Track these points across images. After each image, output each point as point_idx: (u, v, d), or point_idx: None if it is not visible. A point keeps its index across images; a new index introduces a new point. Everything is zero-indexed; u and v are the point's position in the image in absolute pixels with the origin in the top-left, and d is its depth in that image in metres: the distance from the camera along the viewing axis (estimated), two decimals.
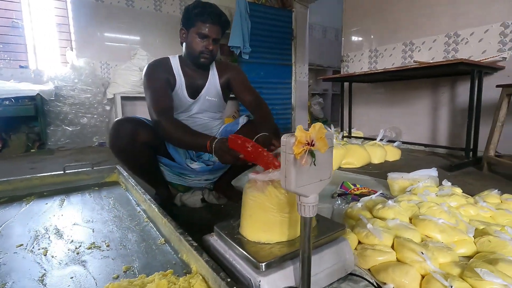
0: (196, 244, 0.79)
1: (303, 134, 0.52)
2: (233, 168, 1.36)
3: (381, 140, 2.43)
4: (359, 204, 1.09)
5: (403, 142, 2.63)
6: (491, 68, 2.14)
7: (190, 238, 0.83)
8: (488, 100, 2.22)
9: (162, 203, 1.19)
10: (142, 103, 4.03)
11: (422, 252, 0.74)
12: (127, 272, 0.83)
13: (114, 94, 3.69)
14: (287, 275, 0.67)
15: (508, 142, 2.19)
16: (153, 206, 1.12)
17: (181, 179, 1.33)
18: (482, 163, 1.95)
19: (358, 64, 3.37)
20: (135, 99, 3.91)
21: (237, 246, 0.71)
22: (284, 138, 0.54)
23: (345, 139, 3.03)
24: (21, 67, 3.45)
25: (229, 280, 0.63)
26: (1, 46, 3.41)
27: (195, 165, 1.26)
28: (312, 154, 0.54)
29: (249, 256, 0.66)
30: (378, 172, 1.98)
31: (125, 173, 1.64)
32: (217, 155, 0.95)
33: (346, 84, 3.16)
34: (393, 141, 2.52)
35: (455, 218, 1.00)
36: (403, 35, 2.88)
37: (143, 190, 1.31)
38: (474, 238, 0.92)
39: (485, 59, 2.21)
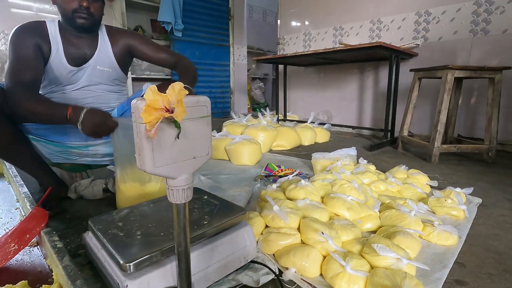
0: (60, 245, 0.63)
1: (158, 96, 0.39)
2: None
3: (312, 122, 2.46)
4: (274, 186, 1.03)
5: (333, 125, 2.72)
6: (407, 54, 2.30)
7: (57, 238, 0.66)
8: (404, 84, 2.40)
9: (49, 197, 0.96)
10: None
11: (322, 233, 0.70)
12: None
13: None
14: (167, 273, 0.56)
15: (420, 123, 2.41)
16: (26, 200, 0.90)
17: (65, 155, 1.09)
18: (397, 142, 2.10)
19: (293, 47, 3.37)
20: None
21: (108, 243, 0.57)
22: (133, 102, 0.41)
23: (280, 122, 3.03)
24: None
25: None
26: None
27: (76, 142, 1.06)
28: (176, 124, 0.42)
29: (116, 255, 0.53)
30: (306, 153, 1.99)
31: (6, 163, 1.34)
32: (84, 127, 0.83)
33: (281, 67, 3.13)
34: (323, 124, 2.58)
35: (365, 194, 1.01)
36: (334, 19, 2.94)
37: (21, 182, 1.07)
38: (379, 213, 0.94)
39: (403, 45, 2.36)
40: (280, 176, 1.38)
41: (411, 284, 0.58)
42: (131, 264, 0.51)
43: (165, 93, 0.39)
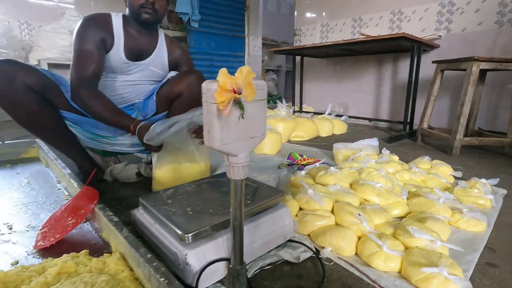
0: (116, 219, 0.68)
1: (228, 79, 0.43)
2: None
3: (329, 114, 2.47)
4: (302, 172, 1.07)
5: (350, 117, 2.72)
6: (428, 46, 2.27)
7: (111, 213, 0.72)
8: (424, 77, 2.38)
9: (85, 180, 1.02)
10: None
11: (359, 214, 0.73)
12: (32, 256, 0.69)
13: (39, 60, 3.17)
14: (219, 246, 0.60)
15: (439, 116, 2.39)
16: (73, 180, 0.96)
17: (97, 142, 1.16)
18: (416, 134, 2.10)
19: (310, 38, 3.35)
20: (67, 67, 3.41)
21: (162, 218, 0.62)
22: (205, 84, 0.45)
23: (296, 113, 3.05)
24: None
25: (149, 255, 0.54)
26: None
27: None
28: (240, 105, 0.46)
29: (174, 228, 0.58)
30: (325, 144, 2.01)
31: (45, 147, 1.41)
32: (140, 141, 0.96)
33: (298, 59, 3.13)
34: (340, 116, 2.59)
35: (391, 182, 1.04)
36: (353, 10, 2.91)
37: (63, 164, 1.13)
38: (407, 200, 0.96)
39: (424, 37, 2.33)
40: (303, 165, 1.41)
41: (447, 263, 0.61)
42: (189, 235, 0.56)
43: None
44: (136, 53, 1.14)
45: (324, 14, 3.19)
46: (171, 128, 0.93)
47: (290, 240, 0.74)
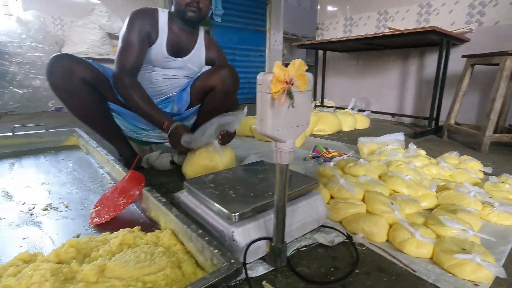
0: (164, 200, 0.75)
1: (282, 71, 0.47)
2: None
3: (352, 109, 2.47)
4: (331, 164, 1.10)
5: (372, 112, 2.70)
6: (458, 40, 2.21)
7: (158, 195, 0.78)
8: (452, 72, 2.32)
9: (127, 166, 1.10)
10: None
11: (392, 203, 0.76)
12: (89, 231, 0.77)
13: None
14: (261, 226, 0.65)
15: (466, 112, 2.33)
16: (117, 165, 1.04)
17: (137, 134, 1.24)
18: (442, 130, 2.07)
19: (333, 33, 3.33)
20: (95, 61, 3.56)
21: (209, 199, 0.68)
22: (260, 76, 0.49)
23: (317, 108, 3.05)
24: None
25: (200, 231, 0.60)
26: None
27: None
28: (290, 95, 0.50)
29: (221, 208, 0.63)
30: (348, 138, 2.02)
31: (85, 136, 1.51)
32: (170, 140, 1.05)
33: (320, 53, 3.12)
34: (363, 111, 2.57)
35: (420, 175, 1.05)
36: (378, 3, 2.85)
37: (105, 151, 1.22)
38: (436, 193, 0.97)
39: (454, 30, 2.26)
40: (328, 158, 1.44)
41: (480, 251, 0.63)
42: (236, 214, 0.61)
43: None
44: (177, 49, 1.20)
45: (348, 7, 3.15)
46: (202, 137, 1.04)
47: (323, 226, 0.78)
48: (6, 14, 3.28)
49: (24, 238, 0.72)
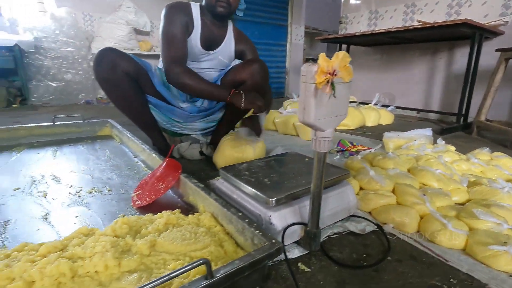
0: (202, 185, 0.79)
1: (326, 62, 0.49)
2: (226, 124, 1.36)
3: (375, 104, 2.43)
4: (358, 157, 1.11)
5: (396, 107, 2.65)
6: (492, 33, 2.12)
7: (196, 181, 0.83)
8: (483, 66, 2.23)
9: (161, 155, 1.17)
10: None
11: (424, 194, 0.77)
12: (132, 213, 0.83)
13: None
14: (295, 212, 0.69)
15: (497, 108, 2.24)
16: (153, 154, 1.10)
17: (171, 125, 1.30)
18: (472, 127, 2.01)
19: (356, 26, 3.27)
20: None
21: (246, 185, 0.71)
22: (304, 67, 0.52)
23: None
24: None
25: (240, 213, 0.64)
26: None
27: (185, 104, 1.26)
28: (332, 85, 0.52)
29: (259, 193, 0.67)
30: (372, 133, 2.01)
31: (119, 126, 1.59)
32: (246, 106, 1.05)
33: (343, 47, 3.08)
34: (387, 106, 2.53)
35: (450, 170, 1.04)
36: None
37: (140, 141, 1.28)
38: (467, 188, 0.97)
39: (488, 23, 2.17)
40: (353, 151, 1.44)
41: None
42: (273, 199, 0.65)
43: None
44: (208, 43, 1.23)
45: (373, 0, 3.08)
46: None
47: (353, 215, 0.80)
48: (41, 11, 3.46)
49: (76, 217, 0.79)
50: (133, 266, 0.54)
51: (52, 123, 1.58)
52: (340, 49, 3.02)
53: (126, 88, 1.12)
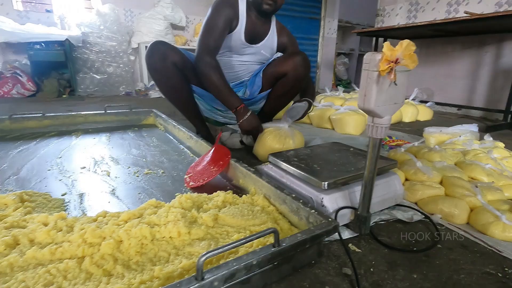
0: (253, 169, 0.85)
1: (390, 51, 0.52)
2: (265, 115, 1.40)
3: (413, 99, 2.36)
4: (401, 149, 1.11)
5: (436, 103, 2.55)
6: None
7: (246, 165, 0.88)
8: None
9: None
10: None
11: (476, 186, 0.77)
12: (186, 192, 0.90)
13: (138, 44, 3.66)
14: (345, 196, 0.72)
15: None
16: (201, 141, 1.17)
17: (213, 114, 1.38)
18: None
19: (394, 19, 3.16)
20: None
21: (297, 170, 0.75)
22: (368, 56, 0.54)
23: None
24: (47, 11, 3.42)
25: (293, 195, 0.68)
26: None
27: None
28: (394, 73, 0.54)
29: (311, 177, 0.71)
30: (410, 129, 1.96)
31: (163, 116, 1.69)
32: (241, 125, 1.14)
33: (379, 41, 2.99)
34: (425, 102, 2.44)
35: (500, 166, 1.01)
36: None
37: (186, 129, 1.37)
38: None
39: None
40: (393, 145, 1.43)
41: None
42: (325, 183, 0.68)
43: None
44: (252, 37, 1.28)
45: None
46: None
47: (399, 205, 0.82)
48: (87, 8, 3.70)
49: (139, 193, 0.88)
50: (201, 235, 0.60)
51: (104, 112, 1.72)
52: (376, 43, 2.95)
53: (174, 78, 1.19)
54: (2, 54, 3.24)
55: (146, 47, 3.60)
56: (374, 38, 2.96)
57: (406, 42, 0.51)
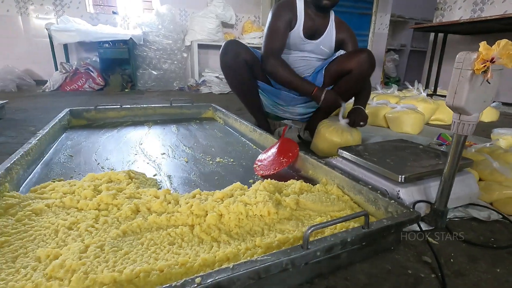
0: (323, 161, 0.90)
1: (487, 50, 0.53)
2: (322, 112, 1.43)
3: None
4: (472, 149, 1.08)
5: (503, 104, 2.36)
6: None
7: (315, 157, 0.94)
8: None
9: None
10: (215, 52, 4.17)
11: None
12: (258, 180, 0.98)
13: (191, 41, 3.87)
14: (420, 191, 0.74)
15: None
16: (266, 134, 1.25)
17: (275, 108, 1.46)
18: None
19: (457, 13, 2.96)
20: (210, 47, 4.05)
21: (371, 163, 0.79)
22: (461, 55, 0.56)
23: (428, 97, 2.82)
24: (113, 13, 3.77)
25: (369, 186, 0.72)
26: None
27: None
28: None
29: (387, 170, 0.74)
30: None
31: (223, 110, 1.81)
32: (323, 103, 1.21)
33: (438, 36, 2.83)
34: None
35: None
36: None
37: (249, 123, 1.46)
38: None
39: None
40: None
41: None
42: (402, 176, 0.71)
43: None
44: (311, 33, 1.34)
45: None
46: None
47: (473, 204, 0.81)
48: (145, 9, 4.00)
49: (216, 178, 0.98)
50: (287, 215, 0.67)
51: (170, 105, 1.88)
52: (435, 38, 2.80)
53: (244, 74, 1.29)
54: (76, 52, 3.66)
55: (198, 45, 3.81)
56: (432, 34, 2.81)
57: (504, 41, 0.53)
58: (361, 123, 1.25)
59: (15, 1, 3.32)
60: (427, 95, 2.85)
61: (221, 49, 1.27)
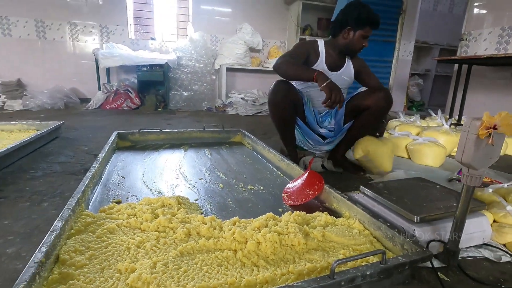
0: (346, 196, 1.01)
1: (489, 119, 0.64)
2: (344, 145, 1.55)
3: None
4: (489, 190, 1.14)
5: None
6: None
7: (339, 191, 1.05)
8: None
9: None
10: (241, 75, 4.42)
11: None
12: (286, 209, 1.10)
13: (220, 65, 4.13)
14: (434, 230, 0.83)
15: None
16: (293, 165, 1.37)
17: (304, 143, 1.61)
18: None
19: (482, 44, 2.99)
20: (237, 71, 4.29)
21: (390, 202, 0.89)
22: (467, 121, 0.67)
23: (452, 126, 2.83)
24: (151, 38, 4.13)
25: (388, 224, 0.82)
26: (138, 20, 4.12)
27: (323, 130, 1.57)
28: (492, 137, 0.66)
29: (403, 210, 0.84)
30: (497, 165, 1.87)
31: (251, 136, 1.96)
32: (326, 86, 1.25)
33: (462, 67, 2.87)
34: None
35: None
36: None
37: (276, 152, 1.59)
38: None
39: None
40: None
41: None
42: (418, 216, 0.81)
43: None
44: (333, 66, 1.55)
45: (506, 16, 2.78)
46: None
47: (486, 244, 0.89)
48: (180, 35, 4.34)
49: (249, 205, 1.11)
50: (314, 246, 0.79)
51: (203, 129, 2.07)
52: (459, 69, 2.85)
53: (287, 112, 1.46)
54: (117, 74, 4.02)
55: (226, 68, 4.07)
56: (456, 65, 2.85)
57: (504, 113, 0.63)
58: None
59: (68, 28, 3.75)
60: (451, 124, 2.87)
61: (271, 88, 1.45)
